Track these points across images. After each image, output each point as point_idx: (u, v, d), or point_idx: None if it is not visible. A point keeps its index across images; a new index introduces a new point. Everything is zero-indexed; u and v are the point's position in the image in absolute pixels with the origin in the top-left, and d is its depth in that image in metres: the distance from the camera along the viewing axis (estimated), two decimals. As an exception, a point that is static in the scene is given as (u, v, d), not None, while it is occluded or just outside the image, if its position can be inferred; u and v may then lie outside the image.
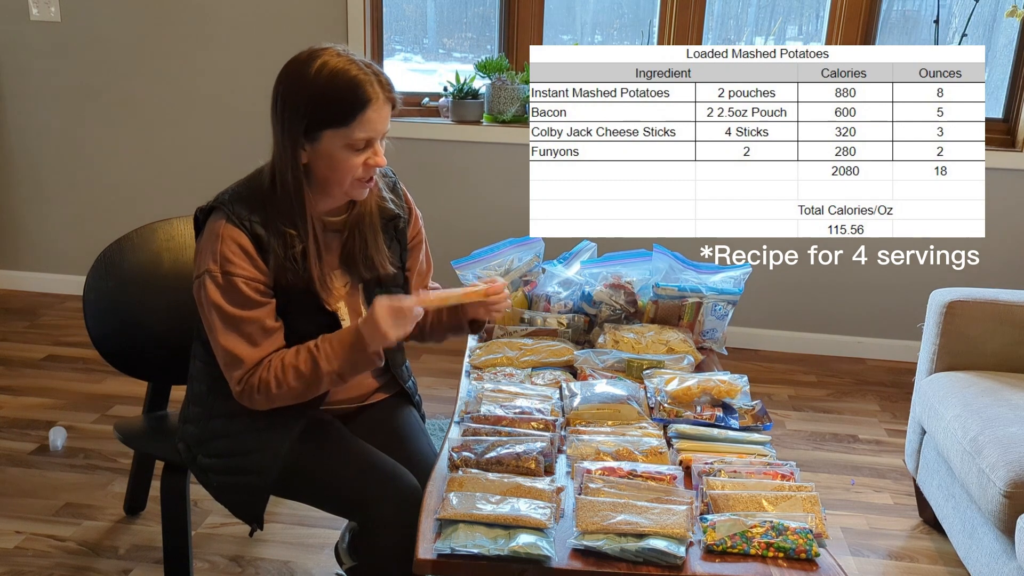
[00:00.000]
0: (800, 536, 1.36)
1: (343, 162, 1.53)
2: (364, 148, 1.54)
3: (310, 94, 1.50)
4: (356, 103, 1.50)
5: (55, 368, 3.14)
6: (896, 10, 3.47)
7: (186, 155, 3.66)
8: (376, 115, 1.52)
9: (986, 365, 2.28)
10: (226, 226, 1.53)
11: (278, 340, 1.58)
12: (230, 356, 1.55)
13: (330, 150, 1.53)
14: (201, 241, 1.58)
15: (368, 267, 1.67)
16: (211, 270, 1.53)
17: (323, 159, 1.54)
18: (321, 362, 1.55)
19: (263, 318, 1.56)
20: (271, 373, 1.55)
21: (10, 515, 2.28)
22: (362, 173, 1.56)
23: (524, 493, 1.42)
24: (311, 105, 1.50)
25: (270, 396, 1.56)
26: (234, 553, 2.16)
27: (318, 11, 3.42)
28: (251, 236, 1.54)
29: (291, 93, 1.53)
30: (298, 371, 1.55)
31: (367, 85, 1.50)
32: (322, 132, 1.52)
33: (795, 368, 3.44)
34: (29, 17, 3.55)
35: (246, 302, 1.54)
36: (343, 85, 1.49)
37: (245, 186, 1.61)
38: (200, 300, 1.57)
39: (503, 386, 1.84)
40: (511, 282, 2.16)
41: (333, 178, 1.56)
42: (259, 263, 1.55)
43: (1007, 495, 1.79)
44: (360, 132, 1.51)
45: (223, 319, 1.54)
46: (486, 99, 3.45)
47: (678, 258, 2.16)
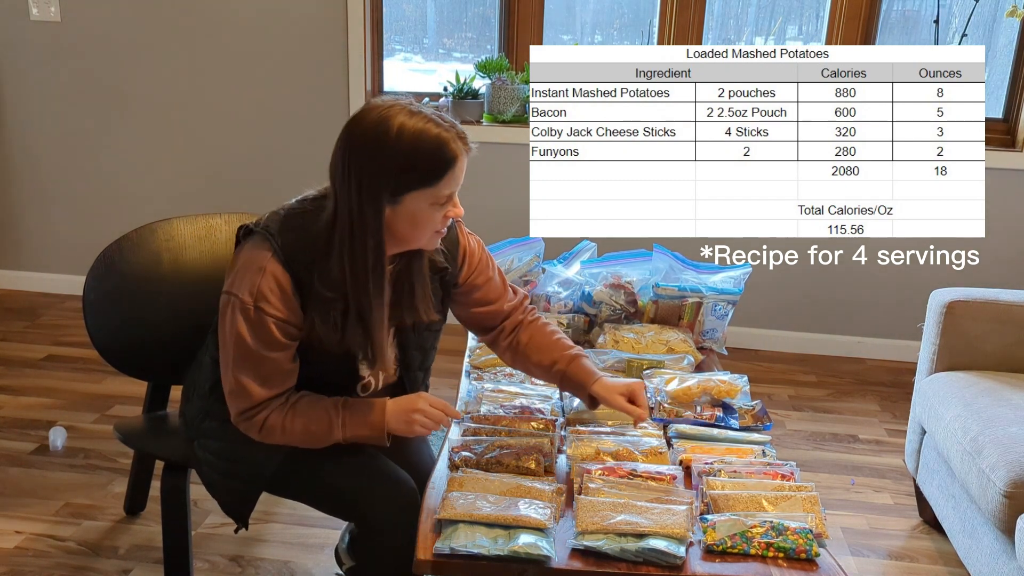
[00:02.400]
0: (800, 536, 1.36)
1: (427, 219, 1.49)
2: (446, 203, 1.50)
3: (396, 160, 1.44)
4: (444, 163, 1.45)
5: (55, 368, 3.14)
6: (896, 10, 3.47)
7: (186, 155, 3.66)
8: (461, 170, 1.48)
9: (986, 365, 2.28)
10: (272, 261, 1.48)
11: (290, 381, 1.55)
12: (239, 388, 1.52)
13: (414, 210, 1.48)
14: (240, 262, 1.52)
15: (411, 314, 1.62)
16: (243, 300, 1.47)
17: (405, 218, 1.49)
18: (336, 430, 1.54)
19: (283, 361, 1.52)
20: (280, 419, 1.53)
21: (10, 515, 2.28)
22: (441, 225, 1.53)
23: (524, 493, 1.42)
24: (398, 170, 1.45)
25: (271, 437, 1.55)
26: (234, 553, 2.16)
27: (318, 11, 3.42)
28: (294, 279, 1.49)
29: (371, 160, 1.44)
30: (307, 428, 1.53)
31: (451, 143, 1.45)
32: (407, 194, 1.47)
33: (795, 368, 3.44)
34: (29, 17, 3.55)
35: (271, 343, 1.50)
36: (429, 147, 1.44)
37: (298, 220, 1.52)
38: (224, 320, 1.52)
39: (503, 386, 1.84)
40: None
41: (413, 235, 1.52)
42: (294, 305, 1.50)
43: (1007, 495, 1.79)
44: (446, 189, 1.47)
45: (242, 352, 1.50)
46: (486, 99, 3.46)
47: (678, 258, 2.16)
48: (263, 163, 3.61)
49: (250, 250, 1.51)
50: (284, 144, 3.57)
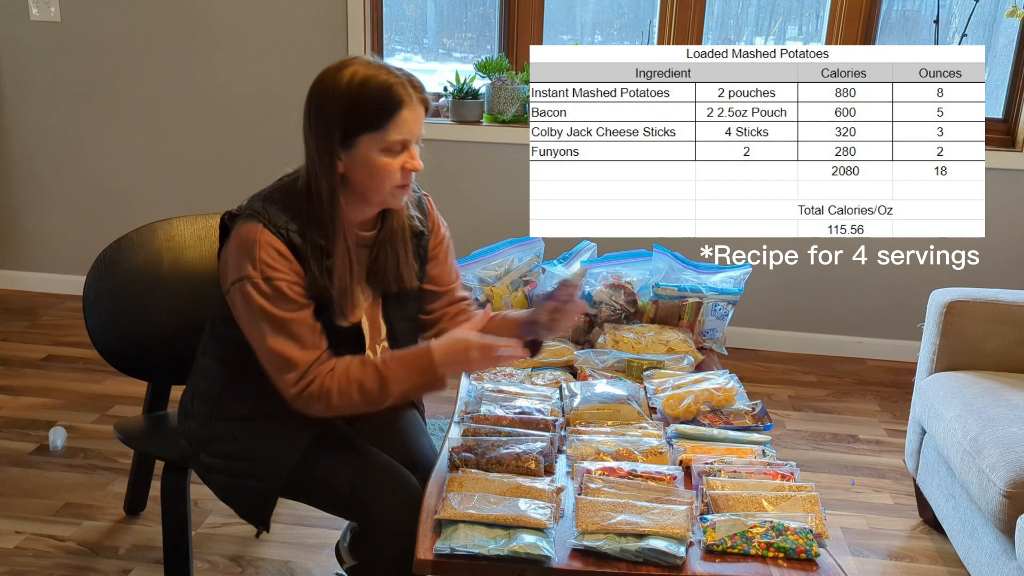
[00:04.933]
0: (800, 536, 1.36)
1: (381, 167, 1.52)
2: (400, 151, 1.53)
3: (344, 102, 1.50)
4: (390, 105, 1.49)
5: (55, 368, 3.14)
6: (896, 10, 3.47)
7: (186, 155, 3.66)
8: (410, 116, 1.52)
9: (986, 365, 2.28)
10: (263, 232, 1.51)
11: (324, 342, 1.57)
12: (281, 359, 1.53)
13: (367, 156, 1.52)
14: (231, 246, 1.55)
15: (396, 281, 1.66)
16: (251, 276, 1.50)
17: (360, 166, 1.53)
18: (391, 384, 1.54)
19: (308, 319, 1.54)
20: (335, 382, 1.53)
21: (10, 515, 2.28)
22: (400, 178, 1.55)
23: (524, 493, 1.42)
24: (345, 112, 1.50)
25: (330, 405, 1.54)
26: (234, 553, 2.16)
27: (318, 11, 3.42)
28: (288, 244, 1.52)
29: (324, 103, 1.52)
30: (363, 387, 1.54)
31: (399, 87, 1.50)
32: (358, 138, 1.51)
33: (795, 368, 3.44)
34: (29, 17, 3.55)
35: (291, 304, 1.52)
36: (376, 89, 1.49)
37: (278, 192, 1.58)
38: (241, 307, 1.53)
39: (503, 386, 1.84)
40: (511, 282, 2.16)
41: (372, 185, 1.55)
42: (296, 267, 1.53)
43: (1007, 495, 1.79)
44: (395, 134, 1.51)
45: (271, 322, 1.52)
46: (486, 99, 3.45)
47: (678, 258, 2.16)
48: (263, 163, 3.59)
49: (238, 234, 1.54)
50: (284, 144, 3.57)
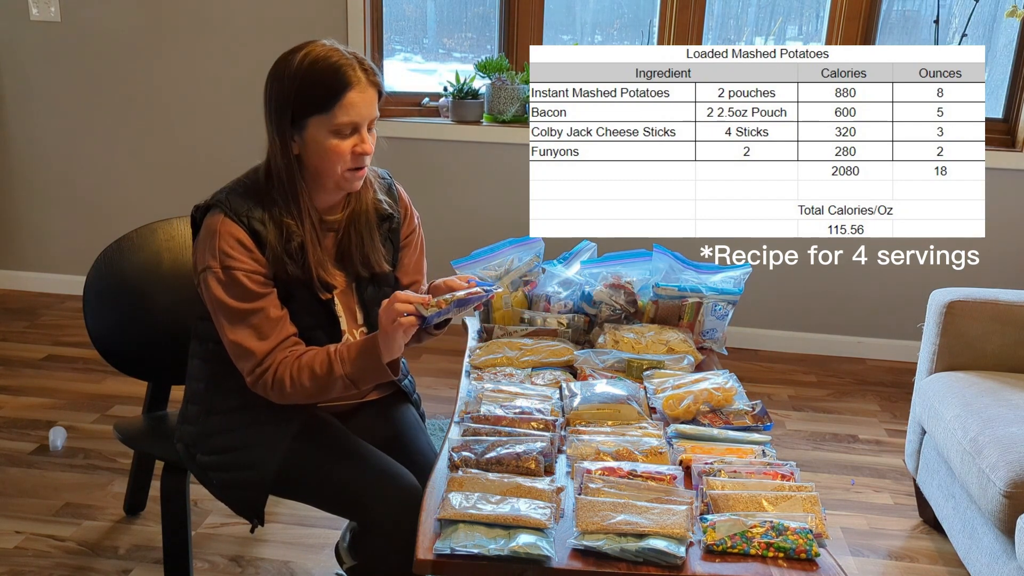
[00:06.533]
0: (800, 536, 1.36)
1: (331, 150, 1.55)
2: (351, 134, 1.55)
3: (294, 83, 1.53)
4: (337, 87, 1.52)
5: (55, 368, 3.14)
6: (896, 10, 3.47)
7: (186, 155, 3.66)
8: (359, 98, 1.53)
9: (986, 365, 2.28)
10: (223, 221, 1.55)
11: (287, 328, 1.60)
12: (240, 349, 1.57)
13: (316, 137, 1.55)
14: (199, 239, 1.60)
15: (364, 264, 1.69)
16: (211, 266, 1.55)
17: (312, 148, 1.56)
18: (335, 365, 1.56)
19: (267, 307, 1.57)
20: (287, 371, 1.57)
21: (10, 515, 2.28)
22: (351, 161, 1.57)
23: (524, 493, 1.42)
24: (295, 93, 1.53)
25: (283, 393, 1.58)
26: (234, 553, 2.16)
27: (318, 11, 3.42)
28: (248, 231, 1.55)
29: (278, 84, 1.56)
30: (312, 372, 1.57)
31: (348, 69, 1.52)
32: (308, 120, 1.54)
33: (795, 368, 3.44)
34: (29, 17, 3.55)
35: (248, 294, 1.55)
36: (324, 70, 1.52)
37: (242, 183, 1.63)
38: (206, 297, 1.59)
39: (503, 386, 1.84)
40: (511, 282, 2.16)
41: (324, 168, 1.57)
42: (257, 255, 1.56)
43: (1007, 495, 1.79)
44: (343, 116, 1.53)
45: (228, 314, 1.56)
46: (486, 99, 3.45)
47: (678, 258, 2.16)
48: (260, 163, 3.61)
49: (206, 223, 1.58)
50: (284, 144, 3.57)
